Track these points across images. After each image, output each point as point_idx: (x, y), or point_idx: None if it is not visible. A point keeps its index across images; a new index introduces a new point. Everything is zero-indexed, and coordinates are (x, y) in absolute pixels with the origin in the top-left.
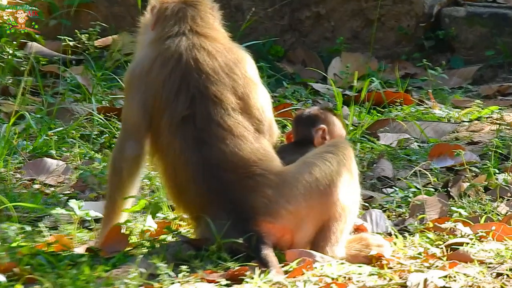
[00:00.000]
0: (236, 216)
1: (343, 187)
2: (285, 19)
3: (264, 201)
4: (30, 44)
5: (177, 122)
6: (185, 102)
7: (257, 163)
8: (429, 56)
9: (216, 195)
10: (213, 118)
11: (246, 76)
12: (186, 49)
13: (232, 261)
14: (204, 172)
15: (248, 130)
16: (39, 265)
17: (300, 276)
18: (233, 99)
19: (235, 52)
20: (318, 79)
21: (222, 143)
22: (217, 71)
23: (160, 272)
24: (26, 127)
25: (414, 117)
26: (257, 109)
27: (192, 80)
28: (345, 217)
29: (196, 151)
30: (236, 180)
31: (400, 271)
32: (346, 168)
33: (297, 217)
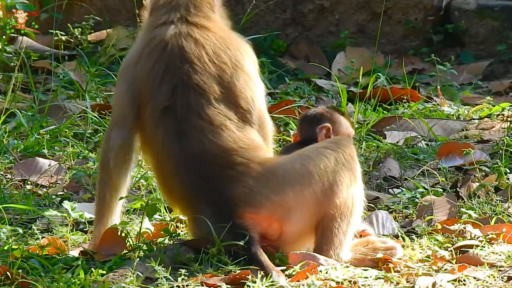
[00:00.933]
0: (218, 209)
1: (342, 185)
2: (288, 12)
3: (245, 191)
4: (21, 38)
5: (159, 113)
6: (167, 92)
7: (238, 152)
8: (437, 50)
9: (199, 188)
10: (193, 108)
11: (237, 65)
12: (172, 38)
13: (233, 264)
14: (186, 164)
15: (231, 119)
16: (32, 268)
17: (304, 279)
18: (217, 88)
19: (229, 41)
20: (321, 75)
21: (201, 134)
22: (203, 60)
23: (158, 276)
24: (17, 126)
25: (422, 115)
26: (244, 99)
27: (175, 69)
28: (346, 217)
29: (176, 143)
30: (217, 171)
31: (408, 275)
32: (345, 166)
33: (283, 208)
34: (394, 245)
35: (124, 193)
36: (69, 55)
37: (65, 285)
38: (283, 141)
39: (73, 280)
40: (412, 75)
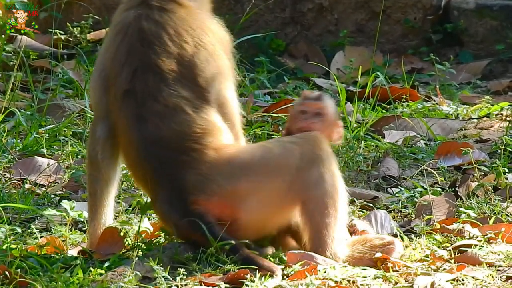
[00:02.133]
0: (174, 195)
1: (310, 181)
2: (287, 12)
3: (198, 178)
4: (20, 37)
5: (121, 97)
6: (127, 76)
7: (192, 137)
8: (436, 50)
9: (157, 173)
10: (151, 91)
11: (199, 43)
12: (132, 21)
13: (231, 263)
14: (145, 149)
15: (188, 100)
16: (31, 268)
17: (303, 279)
18: (176, 68)
19: (191, 20)
20: (320, 74)
21: (157, 118)
22: (163, 40)
23: (156, 275)
24: (16, 125)
25: (421, 114)
26: (204, 78)
27: (136, 51)
28: (329, 213)
29: (137, 128)
30: (172, 157)
31: (407, 274)
32: (313, 162)
33: (236, 196)
34: (391, 240)
35: (115, 186)
36: (68, 54)
37: (64, 284)
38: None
39: (72, 280)
40: (411, 74)
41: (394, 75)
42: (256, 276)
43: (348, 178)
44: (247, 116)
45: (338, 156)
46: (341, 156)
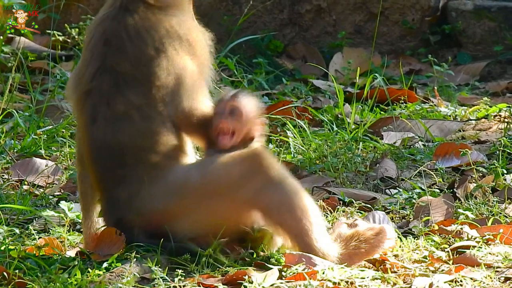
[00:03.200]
0: (109, 207)
1: (259, 198)
2: (285, 13)
3: (130, 195)
4: (18, 39)
5: (81, 98)
6: (89, 76)
7: (132, 152)
8: (434, 51)
9: (101, 181)
10: (104, 94)
11: (160, 48)
12: (100, 22)
13: (229, 265)
14: (94, 154)
15: (138, 109)
16: (29, 269)
17: (301, 280)
18: (131, 72)
19: (158, 23)
20: (319, 76)
21: (105, 123)
22: (123, 42)
23: (155, 276)
24: (14, 126)
25: (419, 115)
26: (158, 87)
27: (98, 52)
28: (294, 218)
29: (90, 130)
30: (111, 168)
31: (405, 275)
32: (256, 176)
33: (171, 215)
34: (381, 228)
35: None
36: (66, 56)
37: (62, 285)
38: (280, 142)
39: (70, 281)
40: (409, 75)
41: (392, 77)
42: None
43: (346, 179)
44: None
45: (336, 157)
46: (339, 157)
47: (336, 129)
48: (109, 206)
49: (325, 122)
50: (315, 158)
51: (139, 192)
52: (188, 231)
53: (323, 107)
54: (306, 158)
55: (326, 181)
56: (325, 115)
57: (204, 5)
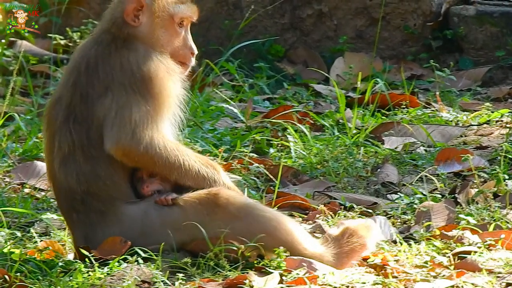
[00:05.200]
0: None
1: (221, 231)
2: (286, 17)
3: (86, 237)
4: (20, 42)
5: (45, 121)
6: (51, 103)
7: (81, 197)
8: (436, 56)
9: (64, 217)
10: (56, 129)
11: (109, 82)
12: (80, 47)
13: (230, 269)
14: (55, 192)
15: (82, 148)
16: (31, 272)
17: (302, 285)
18: (80, 107)
19: (116, 58)
20: (320, 80)
21: (59, 162)
22: (80, 74)
23: (155, 280)
24: (16, 129)
25: (420, 120)
26: (98, 118)
27: (64, 81)
28: (271, 234)
29: (49, 167)
30: (66, 211)
31: (406, 281)
32: (217, 216)
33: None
34: (365, 221)
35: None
36: (68, 59)
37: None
38: (281, 146)
39: (71, 284)
40: (411, 80)
41: (394, 82)
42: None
43: (347, 184)
44: (246, 122)
45: (338, 162)
46: (341, 162)
47: (337, 134)
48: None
49: (326, 127)
50: (316, 163)
51: (95, 236)
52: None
53: (324, 112)
54: (307, 163)
55: (327, 186)
56: (326, 120)
57: (205, 10)
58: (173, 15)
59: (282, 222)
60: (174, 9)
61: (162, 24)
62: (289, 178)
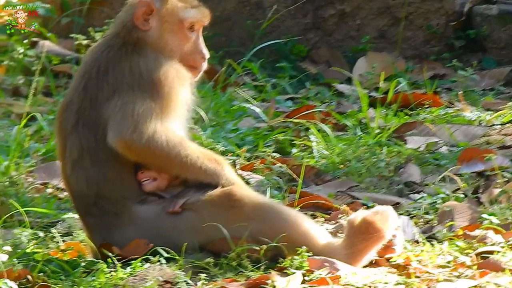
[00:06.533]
0: (87, 230)
1: (238, 231)
2: (308, 17)
3: (104, 238)
4: (42, 42)
5: (57, 125)
6: (63, 105)
7: (93, 200)
8: (459, 56)
9: (81, 221)
10: (67, 133)
11: (118, 86)
12: (91, 50)
13: (252, 269)
14: (71, 197)
15: (90, 152)
16: (53, 272)
17: (324, 285)
18: (88, 108)
19: (126, 62)
20: (342, 80)
21: (71, 168)
22: (90, 78)
23: (178, 280)
24: (38, 129)
25: (443, 120)
26: (106, 121)
27: (76, 84)
28: (290, 238)
29: (64, 173)
30: (83, 215)
31: (428, 281)
32: (232, 217)
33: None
34: (382, 210)
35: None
36: None
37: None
38: (304, 146)
39: (94, 284)
40: (434, 80)
41: (416, 81)
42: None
43: (370, 184)
44: (268, 121)
45: (360, 162)
46: (363, 162)
47: (360, 134)
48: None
49: (348, 126)
50: (339, 163)
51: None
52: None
53: (346, 112)
54: (329, 163)
55: (349, 186)
56: (348, 119)
57: (227, 10)
58: (182, 20)
59: (296, 222)
60: (184, 14)
61: (171, 28)
62: (312, 178)
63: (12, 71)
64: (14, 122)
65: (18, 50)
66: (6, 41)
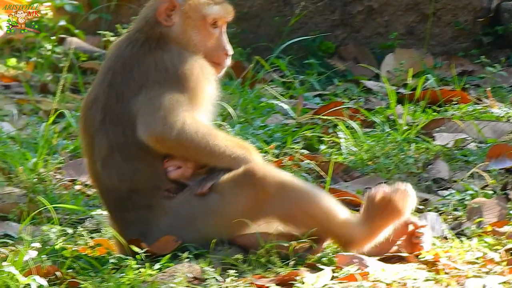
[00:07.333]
0: (117, 227)
1: (261, 209)
2: (336, 14)
3: (140, 233)
4: (70, 39)
5: (81, 131)
6: (88, 103)
7: (127, 195)
8: (487, 52)
9: (112, 219)
10: (94, 131)
11: (144, 81)
12: (112, 47)
13: (282, 265)
14: (102, 196)
15: (119, 146)
16: (82, 268)
17: (353, 281)
18: (115, 105)
19: (150, 57)
20: (370, 77)
21: (101, 165)
22: (116, 74)
23: (207, 277)
24: (66, 126)
25: (471, 116)
26: (140, 124)
27: (100, 81)
28: (311, 217)
29: (93, 171)
30: (116, 211)
31: (457, 277)
32: (255, 196)
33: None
34: (402, 187)
35: None
36: None
37: (115, 285)
38: (332, 143)
39: (123, 280)
40: (462, 76)
41: (445, 78)
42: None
43: (398, 180)
44: (296, 118)
45: (388, 158)
46: (391, 158)
47: (388, 130)
48: (118, 227)
49: (377, 123)
50: (367, 159)
51: (148, 231)
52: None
53: (374, 108)
54: (358, 159)
55: (378, 182)
56: (377, 116)
57: (255, 6)
58: (205, 16)
59: (318, 197)
60: (207, 10)
61: (194, 24)
62: (340, 174)
63: (40, 68)
64: (42, 119)
65: (46, 47)
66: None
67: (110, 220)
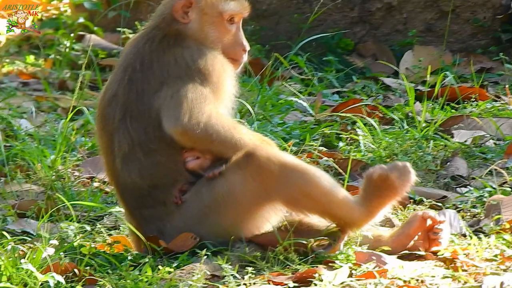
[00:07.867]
0: (134, 225)
1: (267, 191)
2: (355, 11)
3: (157, 230)
4: (88, 36)
5: (100, 121)
6: (106, 101)
7: (147, 191)
8: (506, 49)
9: (130, 215)
10: (114, 128)
11: (165, 77)
12: (129, 44)
13: (300, 263)
14: (119, 193)
15: (140, 143)
16: (100, 265)
17: (371, 278)
18: (136, 101)
19: (169, 54)
20: (389, 74)
21: (121, 162)
22: (135, 71)
23: (225, 274)
24: (85, 123)
25: (490, 114)
26: (162, 119)
27: (118, 77)
28: (313, 200)
29: (111, 169)
30: (135, 208)
31: (475, 274)
32: (259, 177)
33: (195, 231)
34: (401, 164)
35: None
36: None
37: (133, 282)
38: (350, 140)
39: (141, 277)
40: (480, 74)
41: (463, 75)
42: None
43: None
44: (315, 115)
45: (407, 155)
46: (410, 156)
47: (407, 128)
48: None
49: (395, 120)
50: (386, 156)
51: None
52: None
53: (393, 105)
54: (376, 157)
55: None
56: (395, 113)
57: (274, 4)
58: (222, 12)
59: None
60: (223, 6)
61: (211, 21)
62: (359, 171)
63: (58, 65)
64: (60, 116)
65: (65, 44)
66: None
67: (127, 218)
